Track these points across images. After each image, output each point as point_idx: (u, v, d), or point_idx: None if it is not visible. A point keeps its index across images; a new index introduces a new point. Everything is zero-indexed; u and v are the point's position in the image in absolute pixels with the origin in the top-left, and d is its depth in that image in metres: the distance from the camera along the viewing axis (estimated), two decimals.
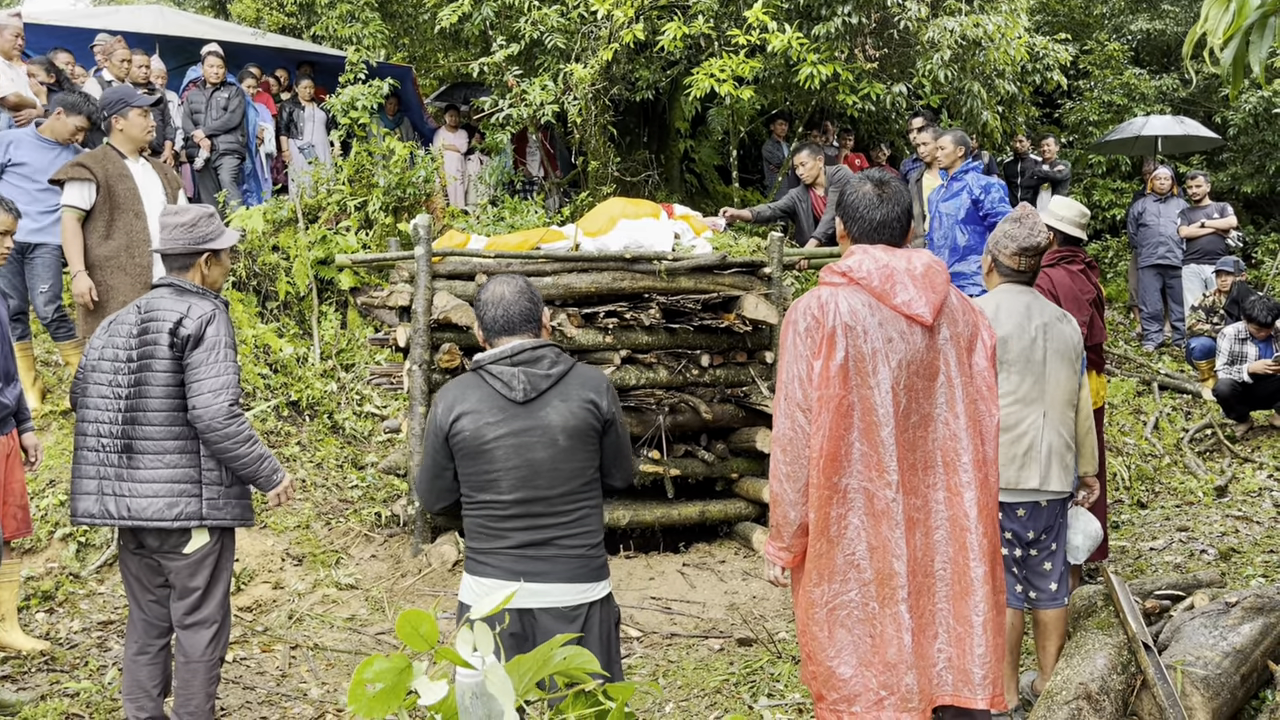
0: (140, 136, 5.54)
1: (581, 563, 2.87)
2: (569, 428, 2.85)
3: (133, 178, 5.47)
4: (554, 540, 2.85)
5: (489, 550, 2.88)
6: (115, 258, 5.40)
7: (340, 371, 7.78)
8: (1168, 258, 10.15)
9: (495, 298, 2.97)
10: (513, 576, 2.83)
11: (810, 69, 8.45)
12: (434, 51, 13.03)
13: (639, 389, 6.14)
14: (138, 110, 5.50)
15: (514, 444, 2.83)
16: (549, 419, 2.84)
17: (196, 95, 9.20)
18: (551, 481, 2.84)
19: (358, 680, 1.46)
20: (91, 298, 5.34)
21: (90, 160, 5.44)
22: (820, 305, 2.64)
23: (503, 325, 2.94)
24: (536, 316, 2.97)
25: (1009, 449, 3.61)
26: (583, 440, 2.87)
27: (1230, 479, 7.17)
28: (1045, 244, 3.75)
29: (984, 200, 6.37)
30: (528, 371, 2.86)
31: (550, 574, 2.83)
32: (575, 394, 2.88)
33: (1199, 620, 3.80)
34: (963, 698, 2.62)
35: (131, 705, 3.64)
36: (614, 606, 3.01)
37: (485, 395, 2.88)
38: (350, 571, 5.71)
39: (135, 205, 5.43)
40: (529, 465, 2.83)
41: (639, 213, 6.52)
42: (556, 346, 2.95)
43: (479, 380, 2.91)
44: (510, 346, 2.90)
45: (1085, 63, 13.72)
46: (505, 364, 2.88)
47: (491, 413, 2.85)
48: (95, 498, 3.49)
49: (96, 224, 5.41)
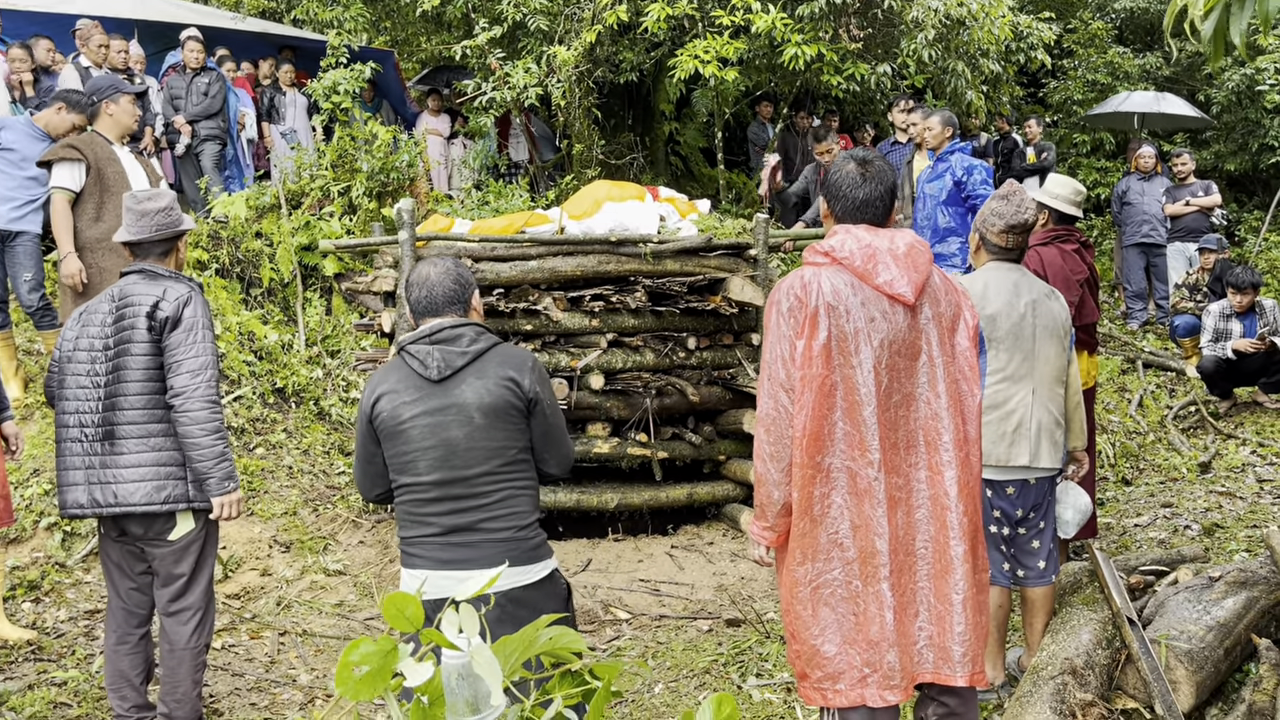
0: (129, 123, 5.52)
1: (509, 546, 2.80)
2: (484, 405, 2.79)
3: (120, 161, 5.45)
4: (478, 525, 2.80)
5: (416, 539, 2.84)
6: (106, 240, 5.37)
7: (326, 358, 7.75)
8: (1152, 236, 10.18)
9: (420, 279, 2.94)
10: (441, 565, 2.79)
11: (794, 50, 8.43)
12: (416, 35, 12.93)
13: (626, 372, 6.14)
14: (129, 97, 5.49)
15: (429, 423, 2.79)
16: (464, 397, 2.80)
17: (176, 81, 9.11)
18: (468, 461, 2.79)
19: (344, 663, 1.46)
20: (81, 280, 5.30)
21: (79, 142, 5.42)
22: (803, 285, 2.63)
23: (425, 306, 2.92)
24: (463, 298, 2.93)
25: (998, 426, 3.62)
26: (502, 419, 2.81)
27: (1214, 455, 7.22)
28: (1032, 221, 3.75)
29: (965, 182, 6.38)
30: (443, 349, 2.83)
31: (476, 560, 2.77)
32: (493, 371, 2.83)
33: (1183, 595, 3.83)
34: (943, 675, 2.64)
35: (115, 695, 3.63)
36: (560, 583, 2.94)
37: (404, 375, 2.86)
38: (338, 557, 5.70)
39: (124, 187, 5.40)
40: (445, 445, 2.79)
41: (624, 195, 6.50)
42: (479, 326, 2.90)
43: (400, 361, 2.89)
44: (429, 326, 2.88)
45: (1069, 41, 13.73)
46: (424, 343, 2.85)
47: (408, 392, 2.82)
48: (83, 488, 3.47)
49: (86, 206, 5.38)
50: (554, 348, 6.12)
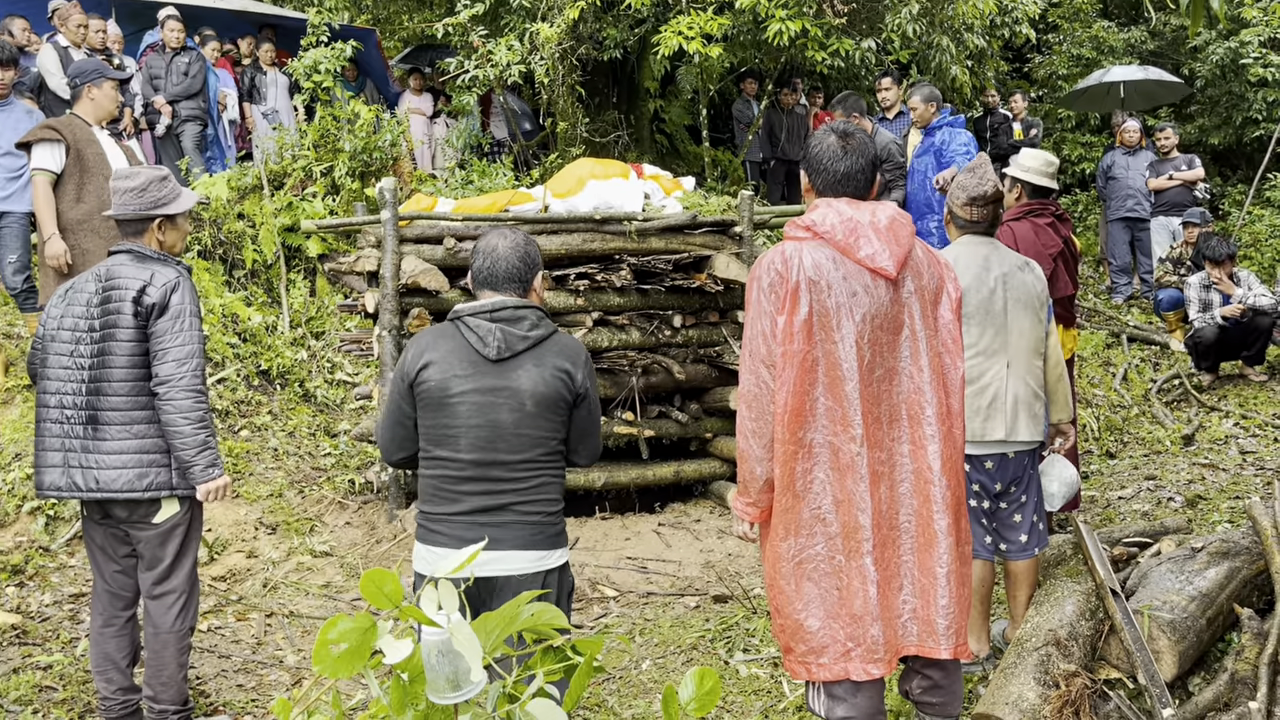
0: (110, 109, 5.46)
1: (537, 529, 2.78)
2: (538, 394, 2.75)
3: (99, 143, 5.39)
4: (510, 506, 2.77)
5: (442, 516, 2.79)
6: (88, 221, 5.32)
7: (310, 339, 7.71)
8: (1136, 210, 10.20)
9: (488, 248, 2.87)
10: (465, 544, 2.71)
11: (779, 25, 8.38)
12: (398, 13, 12.81)
13: (611, 351, 6.12)
14: (112, 83, 5.43)
15: (479, 402, 2.74)
16: (519, 382, 2.75)
17: (156, 60, 9.00)
18: (513, 446, 2.75)
19: (322, 640, 1.45)
20: (66, 261, 5.26)
21: (58, 124, 5.36)
22: (784, 260, 2.62)
23: (486, 278, 2.85)
24: (525, 277, 2.86)
25: (973, 401, 3.62)
26: (551, 409, 2.78)
27: (1197, 428, 7.26)
28: (995, 192, 3.74)
29: (943, 152, 6.37)
30: (505, 330, 2.76)
31: (505, 541, 2.74)
32: (550, 361, 2.78)
33: (1166, 566, 3.86)
34: (926, 648, 2.65)
35: (101, 678, 3.61)
36: (569, 577, 2.93)
37: (457, 347, 2.78)
38: (324, 539, 5.69)
39: (105, 169, 5.35)
40: (492, 426, 2.74)
41: (608, 173, 6.46)
42: (541, 310, 2.85)
43: (455, 330, 2.81)
44: (492, 301, 2.81)
45: (1054, 16, 13.70)
46: (484, 318, 2.78)
47: (461, 366, 2.76)
48: (61, 470, 3.44)
49: (67, 188, 5.32)
50: None
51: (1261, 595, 3.88)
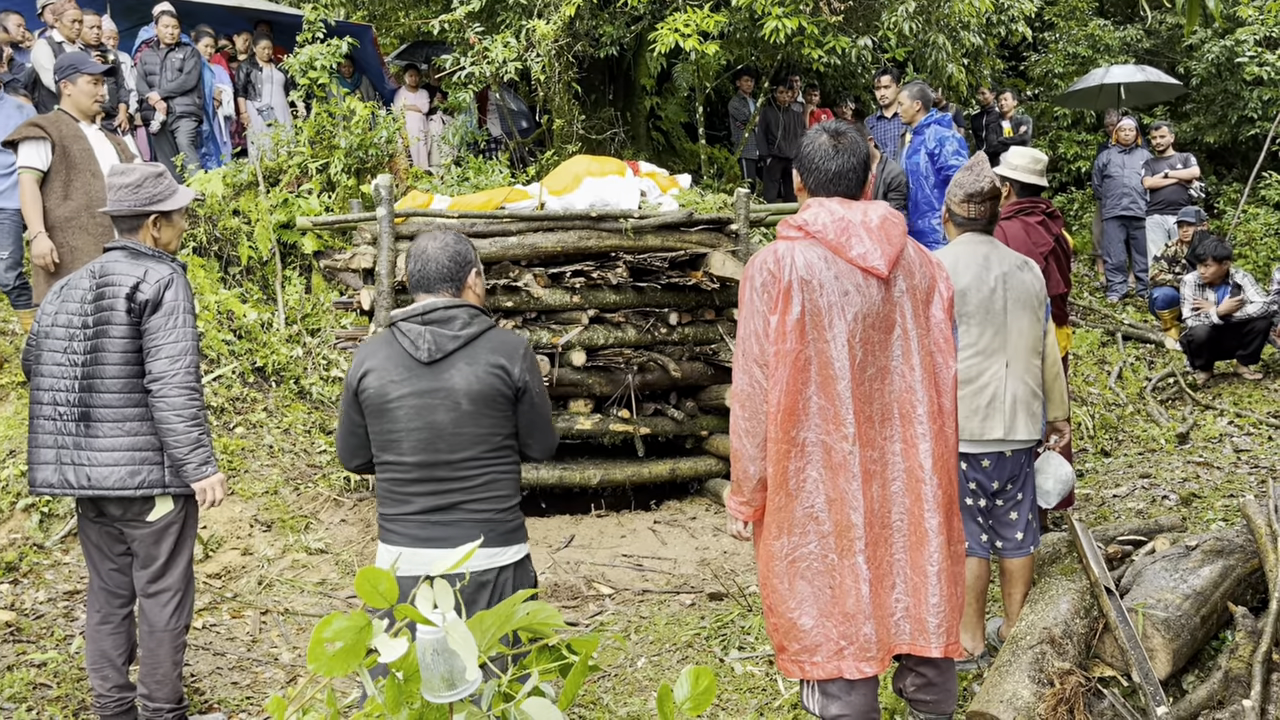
0: (87, 105, 5.39)
1: (487, 526, 2.80)
2: (472, 392, 2.77)
3: (87, 139, 5.37)
4: (459, 505, 2.80)
5: (395, 516, 2.84)
6: (76, 218, 5.30)
7: (305, 336, 7.69)
8: (1131, 209, 10.21)
9: (418, 251, 2.90)
10: (419, 543, 2.79)
11: (775, 23, 8.37)
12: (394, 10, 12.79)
13: (607, 348, 6.12)
14: (88, 78, 5.36)
15: (416, 405, 2.78)
16: (453, 381, 2.77)
17: (150, 56, 8.97)
18: (453, 445, 2.78)
19: (317, 639, 1.45)
20: (53, 259, 5.24)
21: (44, 121, 5.34)
22: (776, 260, 2.62)
23: (418, 280, 2.88)
24: (457, 276, 2.88)
25: (971, 401, 3.62)
26: (489, 405, 2.80)
27: (1192, 426, 7.28)
28: (991, 189, 3.74)
29: (938, 154, 6.37)
30: (435, 331, 2.79)
31: (455, 539, 2.77)
32: (484, 358, 2.80)
33: (1160, 564, 3.86)
34: (918, 646, 2.65)
35: (96, 676, 3.61)
36: (530, 571, 2.94)
37: (393, 353, 2.82)
38: (320, 536, 5.68)
39: (91, 165, 5.32)
40: (430, 428, 2.77)
41: (604, 170, 6.46)
42: (474, 308, 2.86)
43: (390, 337, 2.86)
44: (423, 304, 2.84)
45: (1050, 14, 13.70)
46: (415, 322, 2.81)
47: (396, 371, 2.80)
48: (54, 467, 3.43)
49: (54, 185, 5.30)
50: (535, 324, 6.10)
51: (1255, 593, 3.89)
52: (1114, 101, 11.79)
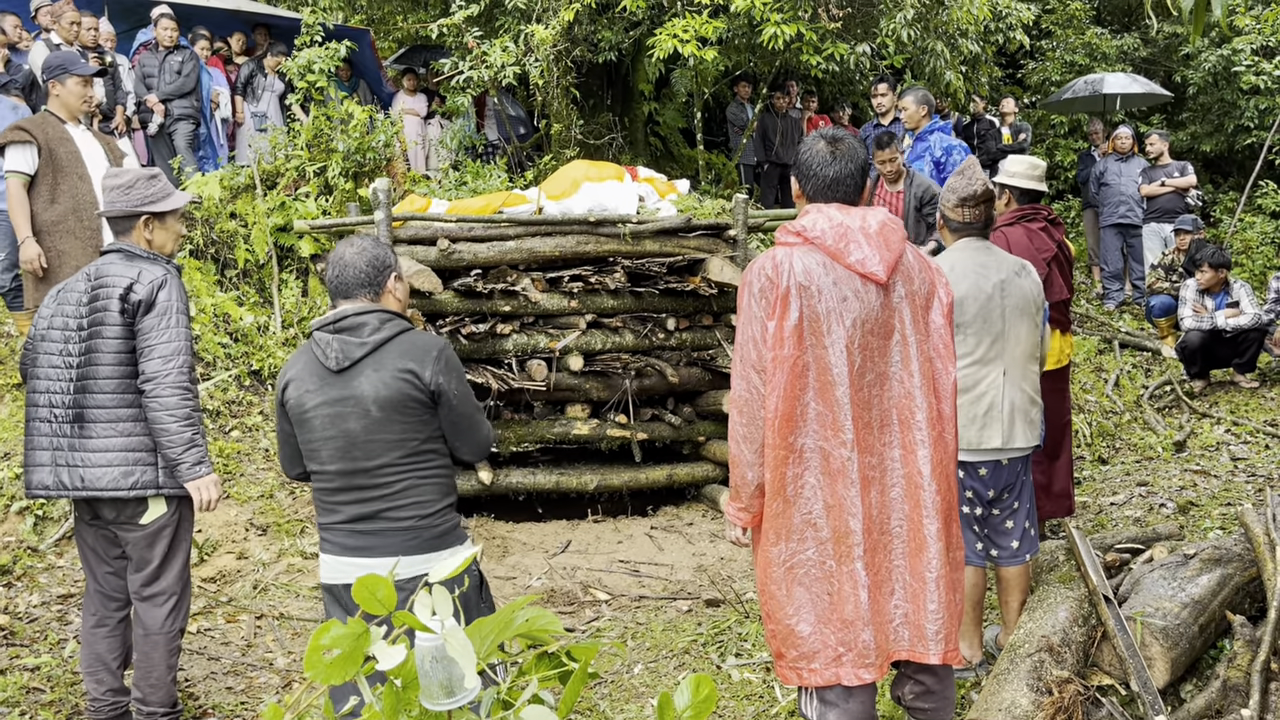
0: (76, 105, 5.35)
1: (412, 534, 2.78)
2: (380, 398, 2.74)
3: (74, 141, 5.32)
4: (381, 513, 2.79)
5: (327, 525, 2.85)
6: (63, 222, 5.27)
7: (302, 339, 7.68)
8: (1129, 216, 10.23)
9: (336, 257, 2.89)
10: (347, 552, 2.79)
11: (774, 29, 8.38)
12: (392, 13, 12.79)
13: (605, 353, 6.12)
14: (77, 79, 5.32)
15: (329, 414, 2.77)
16: (361, 389, 2.75)
17: (149, 59, 8.96)
18: (368, 453, 2.76)
19: (314, 646, 1.43)
20: (40, 264, 5.21)
21: (29, 124, 5.30)
22: (774, 266, 2.62)
23: (336, 287, 2.87)
24: (374, 281, 2.85)
25: (969, 409, 3.61)
26: (400, 411, 2.76)
27: (1189, 434, 7.28)
28: (984, 191, 3.74)
29: (945, 163, 6.36)
30: (343, 340, 2.78)
31: (380, 548, 2.76)
32: (391, 363, 2.76)
33: (1158, 572, 3.86)
34: (917, 653, 2.64)
35: (91, 679, 3.59)
36: (472, 570, 2.86)
37: (309, 362, 2.83)
38: (315, 541, 5.66)
39: (79, 168, 5.29)
40: (344, 436, 2.77)
41: (602, 175, 6.45)
42: (386, 313, 2.82)
43: (309, 347, 2.86)
44: (335, 312, 2.83)
45: (1047, 22, 13.74)
46: (327, 330, 2.81)
47: (311, 380, 2.80)
48: (49, 469, 3.42)
49: (41, 189, 5.26)
50: (533, 329, 6.09)
51: (1254, 602, 3.89)
52: (1100, 107, 11.83)
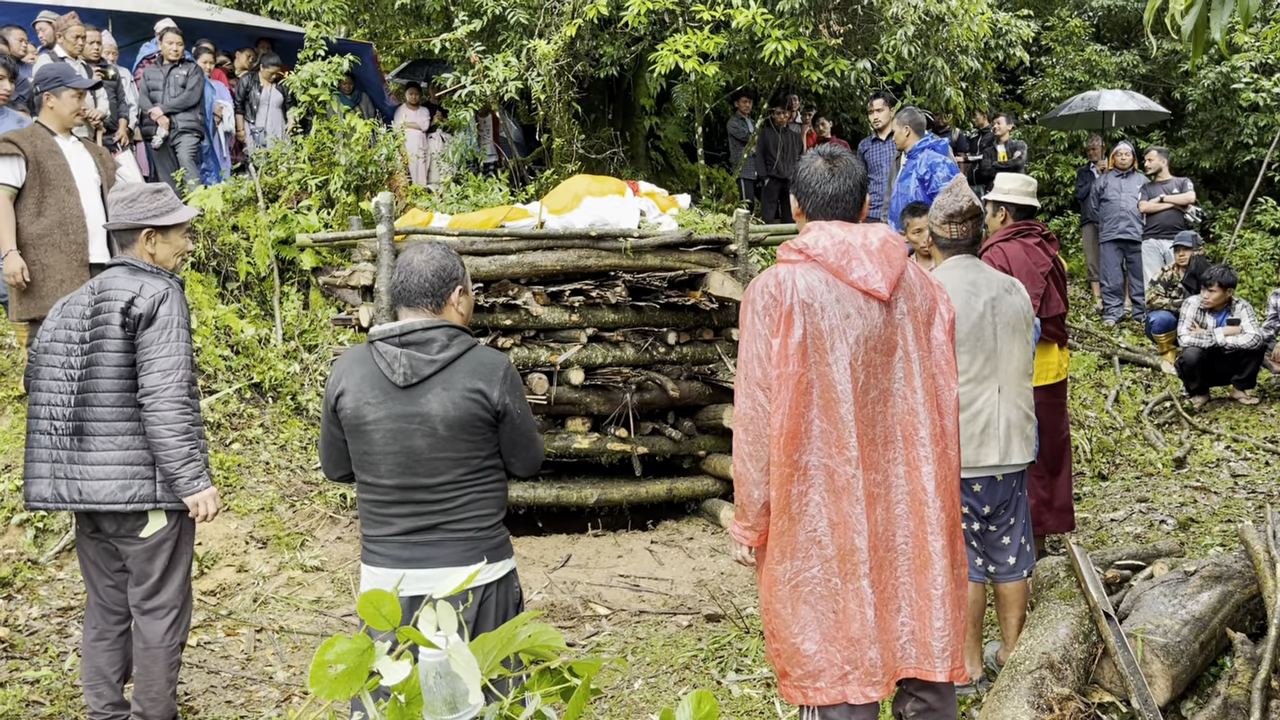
0: (69, 118, 5.34)
1: (470, 545, 2.77)
2: (449, 418, 2.70)
3: (63, 154, 5.31)
4: (439, 525, 2.76)
5: (377, 538, 2.80)
6: (49, 235, 5.26)
7: (303, 353, 7.69)
8: (1128, 232, 10.26)
9: (404, 263, 2.84)
10: (401, 564, 2.75)
11: (775, 45, 8.42)
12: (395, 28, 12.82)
13: (606, 367, 6.12)
14: (72, 91, 5.31)
15: (392, 429, 2.72)
16: (429, 407, 2.70)
17: (154, 72, 9.00)
18: (431, 470, 2.73)
19: (319, 661, 1.44)
20: (24, 278, 5.21)
21: (17, 137, 5.29)
22: (777, 283, 2.63)
23: (400, 294, 2.82)
24: (439, 292, 2.80)
25: (965, 428, 3.62)
26: (466, 430, 2.73)
27: (1189, 450, 7.28)
28: (970, 208, 3.76)
29: (929, 180, 6.39)
30: (411, 355, 2.72)
31: (436, 559, 2.73)
32: (460, 382, 2.72)
33: (1159, 589, 3.86)
34: (924, 670, 2.64)
35: (91, 693, 3.59)
36: (514, 587, 2.89)
37: (369, 373, 2.77)
38: (315, 554, 5.66)
39: (66, 181, 5.28)
40: (407, 452, 2.72)
41: (604, 190, 6.48)
42: (453, 328, 2.79)
43: (368, 356, 2.80)
44: (401, 325, 2.78)
45: (1047, 39, 13.80)
46: (393, 343, 2.75)
47: (372, 393, 2.74)
48: (48, 481, 3.43)
49: (27, 202, 5.25)
50: (534, 343, 6.10)
51: (1254, 619, 3.89)
52: (1098, 123, 11.88)
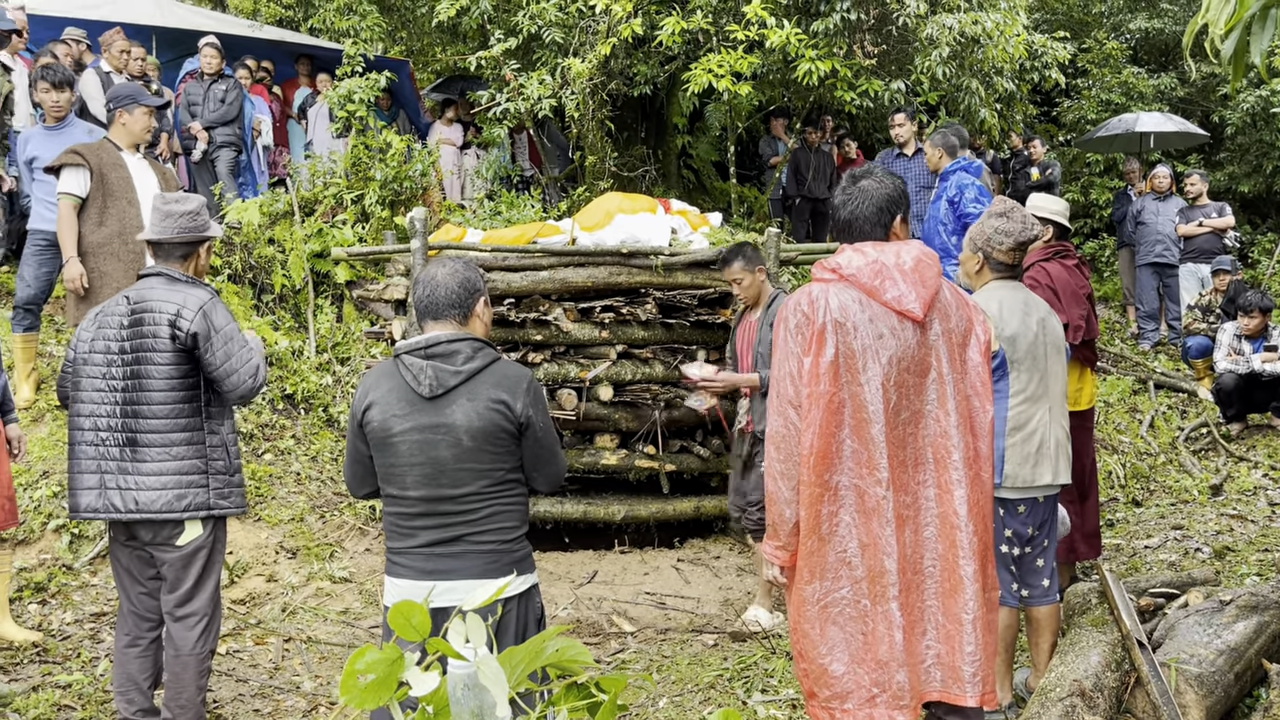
0: (140, 135, 5.51)
1: (493, 558, 2.78)
2: (474, 429, 2.74)
3: (126, 167, 5.46)
4: (463, 537, 2.78)
5: (402, 550, 2.83)
6: (108, 244, 5.40)
7: (336, 365, 7.76)
8: (1165, 256, 10.15)
9: (427, 277, 2.88)
10: (424, 576, 2.77)
11: (809, 65, 8.43)
12: (431, 45, 12.97)
13: (635, 384, 6.13)
14: (144, 109, 5.49)
15: (418, 440, 2.76)
16: (454, 418, 2.74)
17: (194, 87, 9.16)
18: (456, 481, 2.75)
19: (350, 671, 1.45)
20: (82, 284, 5.34)
21: (84, 150, 5.45)
22: (810, 302, 2.63)
23: (425, 307, 2.86)
24: (464, 303, 2.85)
25: (1021, 448, 3.60)
26: (490, 441, 2.76)
27: (1225, 478, 7.17)
28: (1035, 235, 3.75)
29: (958, 201, 6.36)
30: (437, 367, 2.76)
31: (460, 571, 2.76)
32: (485, 393, 2.76)
33: (1193, 618, 3.80)
34: (951, 694, 2.62)
35: (122, 698, 3.62)
36: (536, 602, 2.91)
37: (396, 386, 2.80)
38: (344, 565, 5.70)
39: (129, 193, 5.42)
40: (433, 463, 2.75)
41: (636, 208, 6.51)
42: (477, 341, 2.83)
43: (394, 370, 2.84)
44: (426, 337, 2.81)
45: (1084, 61, 13.72)
46: (418, 355, 2.78)
47: (399, 405, 2.78)
48: (97, 492, 3.47)
49: (90, 211, 5.41)
50: (564, 358, 6.12)
51: None
52: (1135, 145, 11.78)
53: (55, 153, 5.69)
